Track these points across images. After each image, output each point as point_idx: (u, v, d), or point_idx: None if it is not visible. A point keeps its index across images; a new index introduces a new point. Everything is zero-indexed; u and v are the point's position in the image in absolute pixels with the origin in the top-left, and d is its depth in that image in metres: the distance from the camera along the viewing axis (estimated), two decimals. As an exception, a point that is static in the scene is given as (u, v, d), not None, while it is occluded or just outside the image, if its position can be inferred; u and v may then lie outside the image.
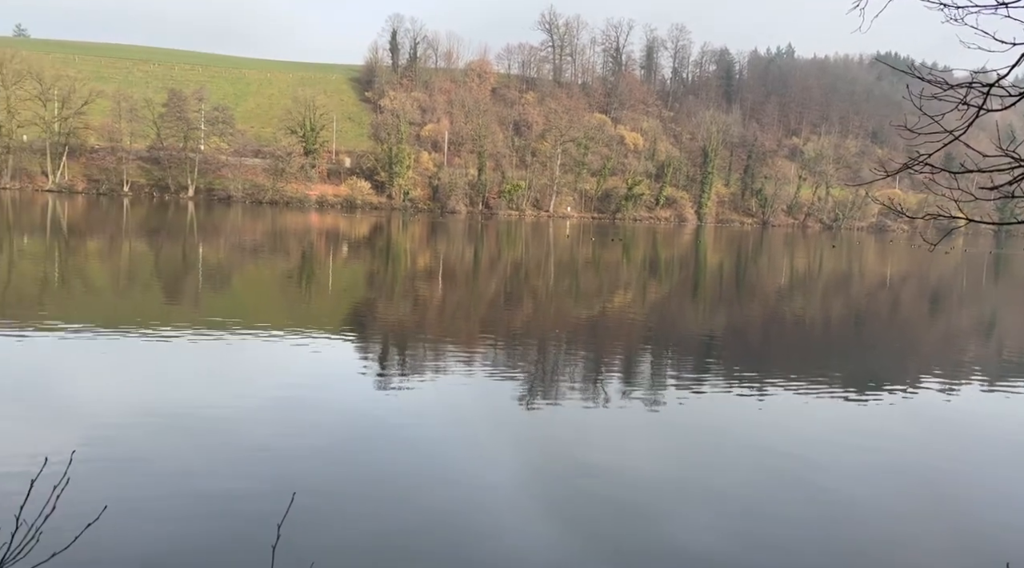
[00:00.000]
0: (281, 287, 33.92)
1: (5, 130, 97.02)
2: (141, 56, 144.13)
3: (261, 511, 9.50)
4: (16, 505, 2.48)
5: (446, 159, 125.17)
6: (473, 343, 22.35)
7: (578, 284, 41.52)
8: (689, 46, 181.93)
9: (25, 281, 30.26)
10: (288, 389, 15.77)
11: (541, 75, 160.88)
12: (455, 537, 9.34)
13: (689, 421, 15.32)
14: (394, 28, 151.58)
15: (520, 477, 11.53)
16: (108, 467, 10.67)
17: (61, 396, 14.54)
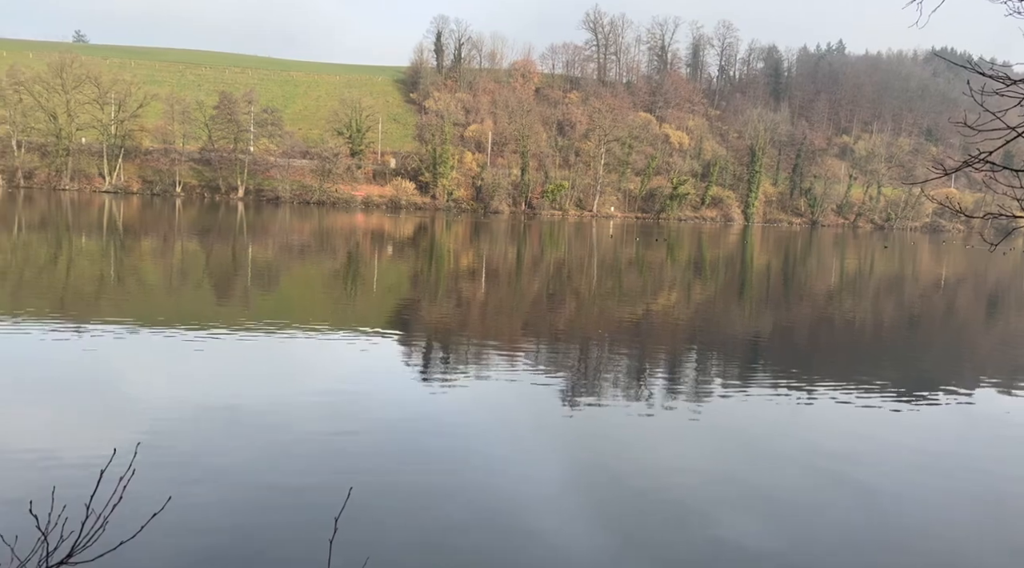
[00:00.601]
0: (328, 286, 34.42)
1: (65, 133, 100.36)
2: (193, 60, 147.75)
3: (316, 505, 9.71)
4: (84, 494, 2.57)
5: (489, 159, 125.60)
6: (516, 343, 22.37)
7: (621, 284, 41.24)
8: (736, 43, 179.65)
9: (83, 280, 31.26)
10: (336, 387, 16.01)
11: (585, 74, 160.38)
12: (501, 536, 9.37)
13: (735, 424, 15.09)
14: (439, 29, 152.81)
15: (564, 478, 11.50)
16: (168, 460, 10.96)
17: (119, 391, 14.98)
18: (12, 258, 37.04)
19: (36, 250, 40.61)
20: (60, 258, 37.93)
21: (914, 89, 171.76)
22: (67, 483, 8.93)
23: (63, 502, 2.69)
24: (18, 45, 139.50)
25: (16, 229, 51.13)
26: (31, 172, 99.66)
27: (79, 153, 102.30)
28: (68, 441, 11.62)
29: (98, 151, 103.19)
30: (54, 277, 31.44)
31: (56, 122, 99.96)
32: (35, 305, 23.90)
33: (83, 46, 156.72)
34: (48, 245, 43.05)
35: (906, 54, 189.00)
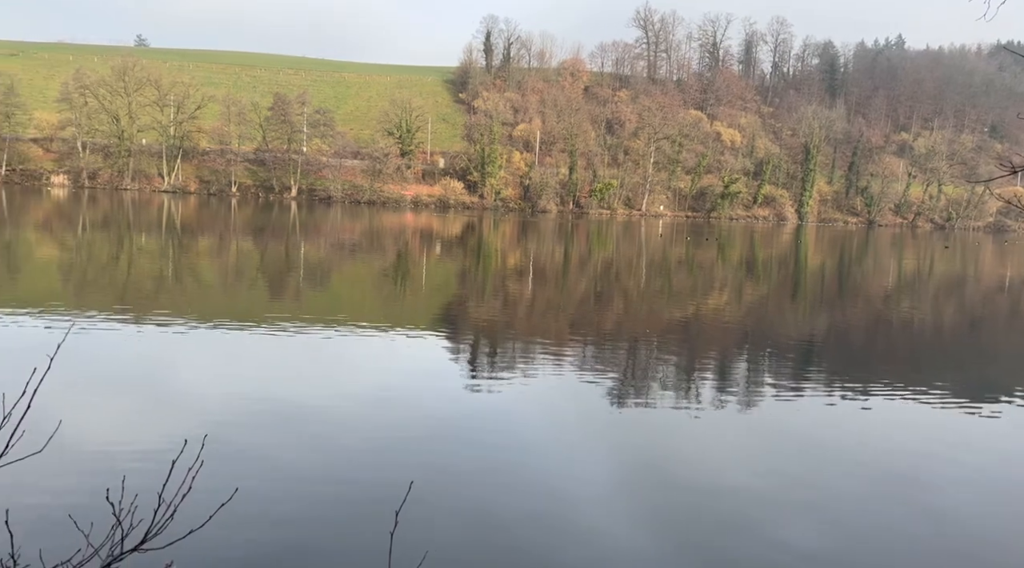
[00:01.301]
0: (378, 285, 34.82)
1: (127, 134, 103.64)
2: (249, 62, 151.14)
3: (374, 498, 9.91)
4: (150, 484, 2.62)
5: (537, 158, 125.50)
6: (563, 342, 22.28)
7: (671, 284, 40.76)
8: (790, 39, 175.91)
9: (143, 277, 32.22)
10: (385, 384, 16.18)
11: (635, 72, 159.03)
12: (551, 536, 9.32)
13: (787, 428, 14.76)
14: (488, 29, 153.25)
15: (613, 479, 11.39)
16: (230, 453, 11.20)
17: (178, 386, 15.39)
18: (77, 256, 38.41)
19: (99, 248, 42.03)
20: (121, 256, 39.18)
21: (978, 84, 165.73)
22: (135, 473, 9.18)
23: (132, 492, 2.76)
24: (84, 50, 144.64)
25: (80, 228, 53.01)
26: (95, 172, 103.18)
27: (140, 154, 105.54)
28: (133, 434, 11.97)
29: (157, 152, 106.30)
30: (116, 275, 32.48)
31: (118, 124, 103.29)
32: (98, 302, 24.73)
33: (144, 49, 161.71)
34: (110, 244, 44.51)
35: (969, 48, 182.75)
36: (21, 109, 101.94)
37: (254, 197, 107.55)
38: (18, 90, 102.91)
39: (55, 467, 9.87)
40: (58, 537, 2.50)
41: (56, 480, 9.57)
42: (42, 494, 9.15)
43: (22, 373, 2.96)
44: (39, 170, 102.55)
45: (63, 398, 12.90)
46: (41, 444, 2.86)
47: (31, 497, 8.94)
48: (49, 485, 9.37)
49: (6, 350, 16.68)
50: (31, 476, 9.22)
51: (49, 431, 2.81)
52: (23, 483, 9.01)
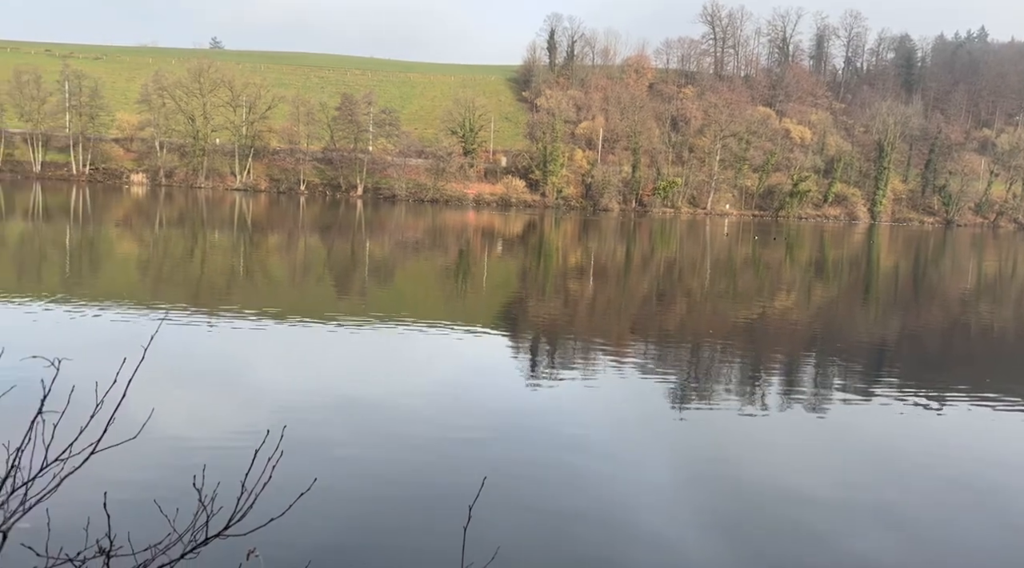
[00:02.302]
0: (440, 282, 35.20)
1: (201, 134, 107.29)
2: (318, 63, 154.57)
3: (441, 494, 10.06)
4: (227, 473, 2.74)
5: (600, 156, 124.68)
6: (624, 343, 22.11)
7: (736, 284, 39.98)
8: (864, 33, 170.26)
9: (215, 273, 33.35)
10: (448, 380, 16.37)
11: (701, 69, 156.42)
12: (614, 538, 9.26)
13: (857, 433, 14.30)
14: (552, 27, 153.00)
15: (675, 482, 11.25)
16: (303, 445, 11.47)
17: (249, 379, 15.88)
18: (154, 252, 40.00)
19: (175, 245, 43.68)
20: (195, 252, 40.63)
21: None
22: (210, 462, 9.50)
23: (207, 480, 2.88)
24: (163, 53, 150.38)
25: (157, 225, 55.18)
26: (171, 171, 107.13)
27: (213, 153, 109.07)
28: (207, 424, 12.40)
29: (230, 151, 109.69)
30: (190, 270, 33.70)
31: (194, 124, 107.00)
32: (173, 296, 25.71)
33: (219, 52, 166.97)
34: (185, 240, 46.20)
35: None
36: (104, 110, 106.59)
37: (321, 195, 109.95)
38: (102, 92, 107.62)
39: (138, 455, 10.30)
40: (140, 521, 2.64)
41: (139, 467, 9.99)
42: (126, 480, 9.57)
43: (104, 363, 3.12)
44: (120, 169, 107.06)
45: (142, 388, 13.43)
46: (126, 432, 2.99)
47: (117, 482, 9.36)
48: (132, 472, 9.79)
49: (91, 341, 17.48)
50: (117, 462, 9.65)
51: (134, 418, 2.94)
52: (110, 469, 9.44)
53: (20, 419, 2.79)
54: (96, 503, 2.87)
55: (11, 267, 31.55)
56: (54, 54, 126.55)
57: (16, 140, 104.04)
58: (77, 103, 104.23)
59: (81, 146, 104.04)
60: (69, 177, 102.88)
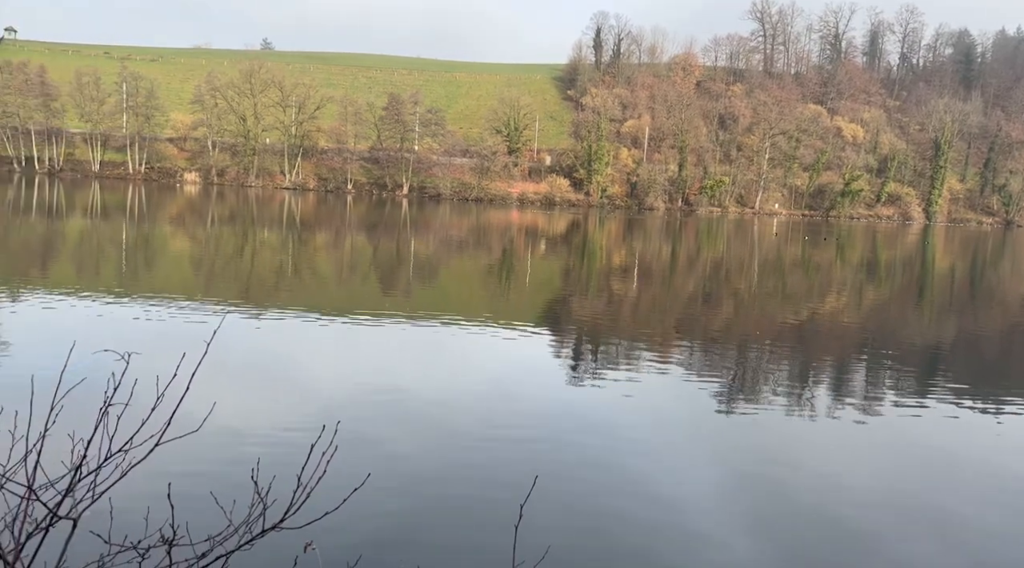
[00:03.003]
0: (483, 280, 35.34)
1: (252, 134, 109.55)
2: (365, 63, 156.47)
3: (489, 492, 10.12)
4: (279, 466, 2.81)
5: (645, 155, 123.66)
6: (669, 343, 21.91)
7: (785, 285, 39.30)
8: (920, 29, 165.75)
9: (265, 269, 34.03)
10: (491, 379, 16.44)
11: (750, 66, 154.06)
12: (661, 540, 9.20)
13: (911, 439, 13.93)
14: (598, 26, 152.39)
15: (722, 486, 11.10)
16: (353, 440, 11.62)
17: (297, 374, 16.17)
18: (205, 249, 41.00)
19: (226, 242, 44.69)
20: (245, 249, 41.51)
21: None
22: (267, 456, 9.71)
23: (268, 472, 2.96)
24: (215, 54, 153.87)
25: (209, 222, 56.53)
26: (223, 170, 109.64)
27: (264, 152, 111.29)
28: (256, 419, 12.67)
29: (280, 150, 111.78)
30: (240, 267, 34.45)
31: (245, 124, 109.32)
32: (225, 293, 26.33)
33: (269, 53, 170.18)
34: (236, 237, 47.24)
35: None
36: (159, 111, 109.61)
37: (368, 194, 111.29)
38: (157, 93, 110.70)
39: (194, 447, 10.58)
40: (197, 513, 2.72)
41: (195, 460, 10.24)
42: (183, 472, 9.84)
43: (163, 358, 3.22)
44: (174, 168, 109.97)
45: (197, 382, 13.78)
46: (185, 425, 3.08)
47: (175, 474, 9.63)
48: (189, 464, 10.05)
49: (149, 336, 17.99)
50: (174, 454, 9.93)
51: (191, 412, 3.03)
52: (168, 460, 9.71)
53: (89, 411, 2.90)
54: (153, 494, 2.97)
55: (72, 263, 32.66)
56: (113, 56, 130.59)
57: (77, 140, 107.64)
58: (134, 104, 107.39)
59: (137, 146, 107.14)
60: (126, 176, 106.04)
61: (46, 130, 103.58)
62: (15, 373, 13.60)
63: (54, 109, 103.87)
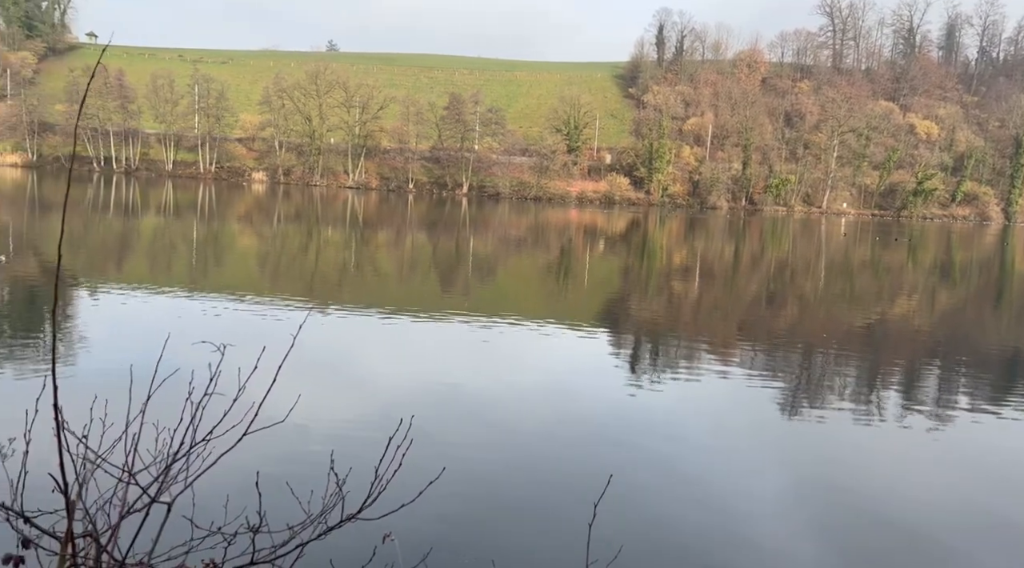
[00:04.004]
0: (541, 279, 35.37)
1: (317, 134, 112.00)
2: (427, 64, 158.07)
3: (553, 492, 10.14)
4: (352, 458, 2.91)
5: (708, 153, 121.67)
6: (730, 345, 21.55)
7: (853, 287, 38.19)
8: (1001, 21, 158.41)
9: (328, 267, 34.79)
10: (550, 378, 16.45)
11: (818, 62, 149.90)
12: (725, 546, 9.07)
13: (986, 450, 13.39)
14: (661, 23, 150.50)
15: (787, 494, 10.87)
16: (425, 435, 11.75)
17: (360, 369, 16.50)
18: (271, 247, 42.13)
19: (291, 240, 45.84)
20: (310, 247, 42.51)
21: None
22: (340, 449, 9.98)
23: (343, 465, 3.06)
24: (283, 56, 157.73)
25: (275, 221, 58.05)
26: (289, 169, 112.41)
27: (328, 152, 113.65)
28: (330, 412, 12.96)
29: (344, 150, 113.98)
30: (304, 264, 35.29)
31: (310, 124, 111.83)
32: (289, 288, 27.03)
33: (334, 54, 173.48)
34: (300, 235, 48.40)
35: None
36: (229, 112, 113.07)
37: (428, 193, 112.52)
38: (227, 95, 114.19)
39: (269, 438, 10.92)
40: (275, 502, 2.85)
41: (269, 450, 10.55)
42: (259, 461, 10.15)
43: (242, 351, 3.35)
44: (242, 167, 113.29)
45: (269, 375, 14.19)
46: (267, 416, 3.20)
47: (253, 463, 9.94)
48: (264, 454, 10.37)
49: (224, 330, 18.61)
50: (252, 444, 10.26)
51: (269, 404, 3.15)
52: (248, 450, 10.02)
53: (180, 400, 3.06)
54: (234, 482, 3.10)
55: (146, 260, 34.00)
56: (186, 59, 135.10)
57: (151, 140, 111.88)
58: (205, 105, 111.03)
59: (208, 146, 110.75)
60: (197, 175, 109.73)
61: (123, 131, 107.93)
62: (105, 365, 14.24)
63: (131, 111, 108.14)
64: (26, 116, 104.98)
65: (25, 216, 47.62)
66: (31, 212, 50.84)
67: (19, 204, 56.32)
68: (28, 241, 35.01)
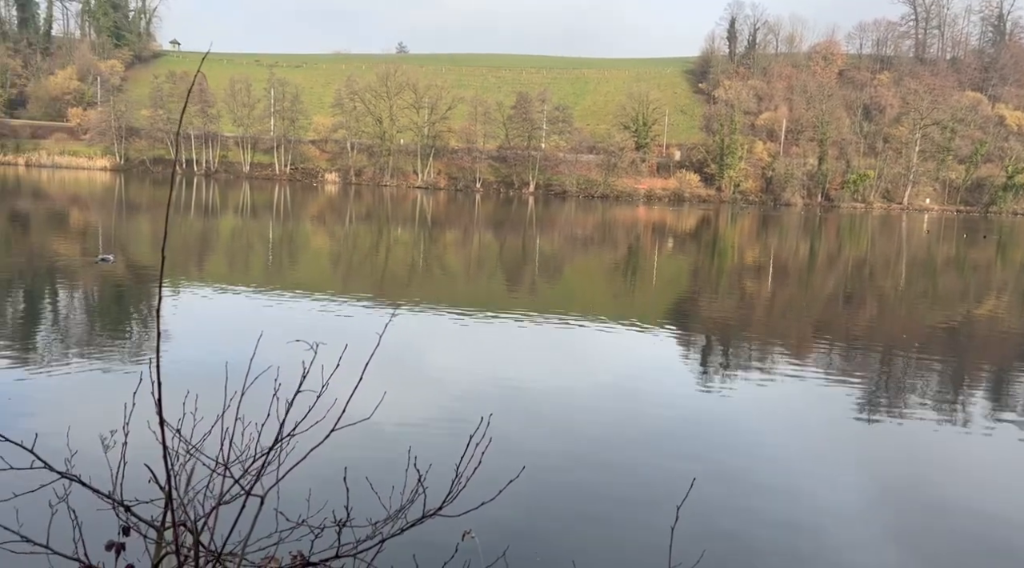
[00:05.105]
0: (608, 278, 35.14)
1: (388, 135, 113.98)
2: (495, 63, 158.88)
3: (631, 494, 10.11)
4: (431, 456, 2.98)
5: (782, 148, 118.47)
6: (805, 346, 20.97)
7: (936, 286, 36.64)
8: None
9: (398, 266, 35.39)
10: (617, 377, 16.35)
11: (899, 53, 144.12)
12: (802, 554, 8.86)
13: (1082, 459, 12.66)
14: (733, 16, 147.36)
15: (865, 499, 10.53)
16: (497, 435, 11.88)
17: (430, 367, 16.74)
18: (343, 246, 43.12)
19: (362, 239, 46.82)
20: (380, 246, 43.32)
21: None
22: (417, 447, 10.17)
23: (423, 463, 3.14)
24: (354, 59, 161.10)
25: (347, 220, 59.39)
26: (360, 170, 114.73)
27: (398, 153, 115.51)
28: (405, 410, 13.20)
29: (413, 151, 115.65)
30: (375, 263, 36.00)
31: (381, 126, 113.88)
32: (361, 287, 27.63)
33: (404, 56, 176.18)
34: (371, 235, 49.38)
35: None
36: (303, 114, 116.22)
37: (495, 192, 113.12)
38: (301, 98, 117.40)
39: (346, 434, 11.20)
40: (354, 498, 2.94)
41: (348, 446, 10.79)
42: (341, 457, 10.43)
43: (326, 350, 3.47)
44: (315, 168, 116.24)
45: (352, 373, 14.55)
46: (352, 413, 3.30)
47: (339, 459, 10.22)
48: (344, 450, 10.63)
49: (301, 328, 19.17)
50: (333, 440, 10.56)
51: (353, 400, 3.25)
52: (329, 446, 10.31)
53: (269, 396, 3.19)
54: (316, 476, 3.21)
55: (225, 259, 35.28)
56: (262, 64, 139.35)
57: (230, 143, 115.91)
58: (280, 108, 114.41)
59: (283, 148, 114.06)
60: (272, 176, 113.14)
61: (204, 134, 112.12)
62: (191, 360, 14.86)
63: (211, 115, 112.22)
64: (114, 122, 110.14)
65: (114, 218, 50.06)
66: (119, 214, 53.41)
67: (109, 206, 59.23)
68: (119, 241, 36.79)
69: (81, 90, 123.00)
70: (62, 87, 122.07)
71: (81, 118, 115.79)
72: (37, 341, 17.07)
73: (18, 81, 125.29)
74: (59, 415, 11.25)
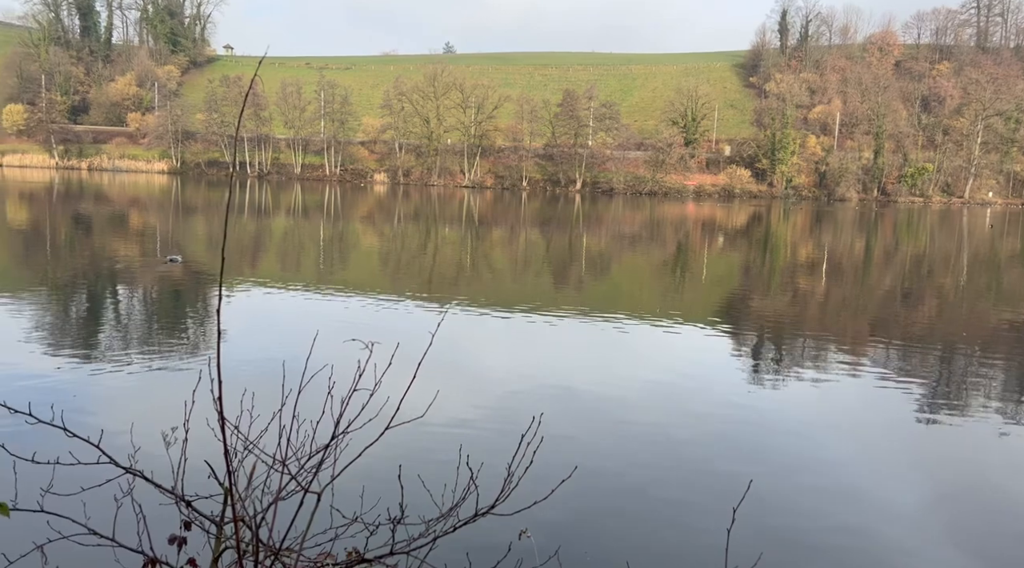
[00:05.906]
0: (656, 275, 34.80)
1: (435, 135, 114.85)
2: (541, 61, 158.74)
3: (687, 494, 10.04)
4: (483, 455, 2.99)
5: (836, 142, 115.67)
6: (861, 344, 20.45)
7: (999, 283, 35.36)
8: None
9: (445, 264, 35.63)
10: (666, 376, 16.18)
11: (960, 42, 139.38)
12: (859, 556, 8.66)
13: None
14: (784, 8, 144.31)
15: (926, 501, 10.24)
16: (548, 434, 11.83)
17: (474, 365, 16.81)
18: (392, 245, 43.59)
19: (410, 238, 47.27)
20: (428, 245, 43.68)
21: None
22: (469, 445, 10.26)
23: (477, 460, 3.16)
24: (402, 60, 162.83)
25: (396, 220, 60.03)
26: (408, 170, 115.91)
27: (445, 153, 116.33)
28: (449, 408, 13.31)
29: (460, 150, 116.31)
30: (423, 262, 36.32)
31: (428, 126, 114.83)
32: (410, 285, 27.90)
33: (451, 56, 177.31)
34: (419, 234, 49.81)
35: None
36: (353, 116, 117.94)
37: (542, 191, 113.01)
38: (351, 99, 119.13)
39: (400, 432, 11.34)
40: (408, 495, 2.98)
41: (397, 444, 10.92)
42: (392, 455, 10.58)
43: (378, 349, 3.51)
44: (365, 169, 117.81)
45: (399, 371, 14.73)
46: (405, 412, 3.33)
47: (391, 457, 10.38)
48: (396, 447, 10.78)
49: (354, 326, 19.48)
50: (384, 439, 10.70)
51: (402, 399, 3.28)
52: (379, 444, 10.47)
53: (324, 393, 3.25)
54: (369, 474, 3.25)
55: (278, 258, 36.00)
56: (312, 67, 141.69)
57: (281, 145, 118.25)
58: (330, 110, 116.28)
59: (333, 149, 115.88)
60: (323, 177, 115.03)
61: (256, 137, 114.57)
62: (248, 357, 15.22)
63: (263, 118, 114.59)
64: (171, 126, 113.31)
65: (171, 219, 51.53)
66: (176, 216, 54.95)
67: (167, 208, 61.00)
68: (178, 242, 37.85)
69: (140, 95, 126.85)
70: (122, 93, 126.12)
71: (140, 123, 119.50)
72: (101, 340, 17.68)
73: (81, 88, 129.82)
74: (123, 412, 11.62)
